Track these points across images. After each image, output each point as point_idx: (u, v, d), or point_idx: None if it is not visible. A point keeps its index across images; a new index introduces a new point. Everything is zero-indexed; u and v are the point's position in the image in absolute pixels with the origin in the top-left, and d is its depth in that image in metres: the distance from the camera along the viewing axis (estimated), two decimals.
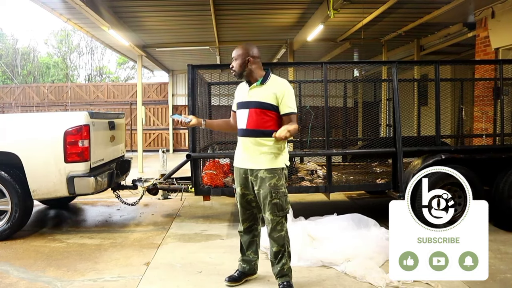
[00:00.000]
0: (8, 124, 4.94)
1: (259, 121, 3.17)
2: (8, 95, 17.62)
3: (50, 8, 7.82)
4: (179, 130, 16.84)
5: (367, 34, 9.38)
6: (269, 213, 3.17)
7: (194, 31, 9.86)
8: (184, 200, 6.60)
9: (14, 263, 4.09)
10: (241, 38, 10.41)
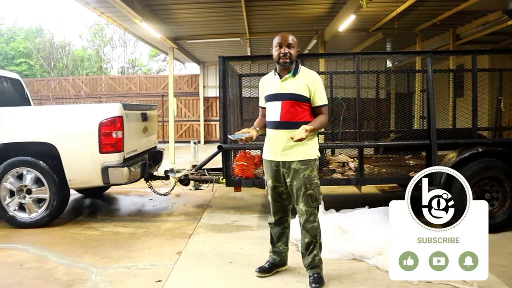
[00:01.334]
0: (46, 116, 5.10)
1: (293, 113, 3.16)
2: (45, 87, 18.18)
3: (84, 2, 7.99)
4: (210, 122, 16.98)
5: (400, 24, 9.16)
6: (303, 204, 3.18)
7: (225, 22, 9.87)
8: (215, 191, 6.67)
9: (52, 249, 4.24)
10: (272, 29, 10.35)
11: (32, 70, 25.92)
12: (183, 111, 17.08)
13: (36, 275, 3.60)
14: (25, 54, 26.07)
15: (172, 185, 5.83)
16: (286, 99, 3.17)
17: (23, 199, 5.00)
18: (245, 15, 8.82)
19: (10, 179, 4.97)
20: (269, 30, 10.49)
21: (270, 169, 3.30)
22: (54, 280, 3.47)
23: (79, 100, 17.56)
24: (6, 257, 4.03)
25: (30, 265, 3.82)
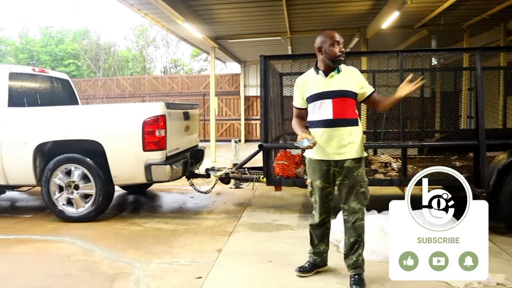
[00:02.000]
0: (92, 115, 5.27)
1: (344, 110, 3.13)
2: (92, 87, 18.84)
3: (128, 4, 8.22)
4: (250, 121, 17.05)
5: (447, 20, 8.87)
6: (356, 203, 3.16)
7: (266, 21, 9.88)
8: (256, 189, 6.69)
9: (98, 243, 4.38)
10: (313, 27, 10.28)
11: (79, 71, 26.90)
12: (224, 110, 17.24)
13: (83, 267, 3.73)
14: (73, 55, 27.10)
15: (213, 183, 5.89)
16: (336, 96, 3.12)
17: (71, 194, 5.19)
18: (286, 14, 8.80)
19: (59, 175, 5.18)
20: (310, 29, 10.43)
21: (319, 169, 3.24)
22: (99, 273, 3.59)
23: (123, 99, 18.08)
24: (55, 249, 4.20)
25: (77, 257, 3.97)
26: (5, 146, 5.18)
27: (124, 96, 18.29)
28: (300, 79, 3.37)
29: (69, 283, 3.39)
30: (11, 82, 5.43)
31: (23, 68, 5.99)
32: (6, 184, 5.34)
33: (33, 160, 5.16)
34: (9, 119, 5.23)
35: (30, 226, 5.11)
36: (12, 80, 5.45)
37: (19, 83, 5.63)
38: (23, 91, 5.69)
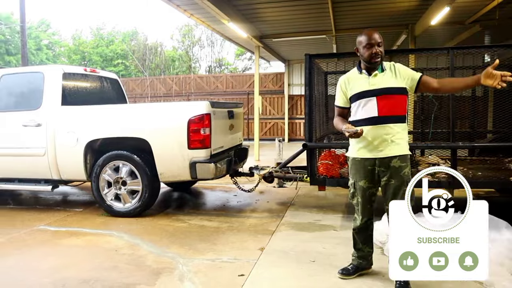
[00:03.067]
0: (140, 113, 5.41)
1: (392, 107, 3.08)
2: (139, 86, 19.38)
3: (175, 5, 8.39)
4: (294, 120, 16.99)
5: (502, 14, 8.45)
6: None
7: (311, 20, 9.81)
8: (299, 189, 6.65)
9: (144, 237, 4.50)
10: (359, 25, 10.10)
11: (127, 70, 27.78)
12: (268, 109, 17.26)
13: (129, 261, 3.84)
14: (122, 55, 28.01)
15: (257, 182, 5.91)
16: (381, 94, 3.08)
17: (119, 190, 5.36)
18: (331, 12, 8.69)
19: (108, 171, 5.36)
20: (356, 26, 10.25)
21: (364, 169, 3.19)
22: (145, 267, 3.68)
23: (169, 98, 18.47)
24: (104, 243, 4.36)
25: (124, 251, 4.09)
26: (58, 143, 5.41)
27: (170, 95, 18.69)
28: (343, 78, 3.32)
29: (117, 276, 3.50)
30: (64, 81, 5.67)
31: (76, 69, 6.24)
32: (59, 178, 5.58)
33: (84, 157, 5.37)
34: (62, 117, 5.46)
35: (81, 219, 5.33)
36: (65, 80, 5.69)
37: (71, 82, 5.87)
38: (75, 90, 5.93)
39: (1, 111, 5.75)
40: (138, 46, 28.89)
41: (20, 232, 4.79)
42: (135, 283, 3.35)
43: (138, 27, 39.08)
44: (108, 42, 29.55)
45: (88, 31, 32.47)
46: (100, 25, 31.27)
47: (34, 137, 5.48)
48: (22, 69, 6.52)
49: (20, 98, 5.84)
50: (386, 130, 3.06)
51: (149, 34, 39.73)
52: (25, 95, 5.80)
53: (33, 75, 5.85)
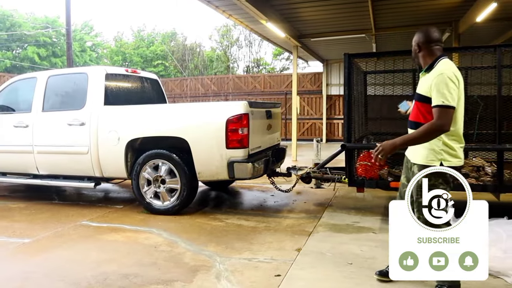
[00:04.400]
0: (179, 113, 5.50)
1: (415, 114, 3.00)
2: (178, 86, 19.71)
3: (214, 6, 8.48)
4: (332, 120, 16.82)
5: None
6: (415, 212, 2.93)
7: (350, 19, 9.68)
8: (337, 190, 6.58)
9: (181, 235, 4.57)
10: (399, 23, 9.89)
11: (167, 71, 28.32)
12: (305, 109, 17.17)
13: (168, 258, 3.91)
14: (162, 56, 28.57)
15: (294, 182, 5.89)
16: (415, 98, 3.04)
17: (158, 188, 5.47)
18: (371, 10, 8.55)
19: (148, 169, 5.47)
20: (397, 25, 10.04)
21: (404, 165, 3.22)
22: (182, 264, 3.74)
23: (208, 98, 18.68)
24: (143, 239, 4.45)
25: (163, 248, 4.17)
26: (101, 141, 5.58)
27: (208, 95, 18.91)
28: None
29: (155, 272, 3.57)
30: (107, 82, 5.83)
31: (117, 69, 6.41)
32: (101, 176, 5.75)
33: (125, 155, 5.51)
34: (105, 117, 5.62)
35: (121, 216, 5.47)
36: (107, 81, 5.85)
37: (113, 83, 6.03)
38: (117, 90, 6.09)
39: (48, 110, 5.99)
40: (177, 47, 29.39)
41: (65, 227, 4.97)
42: (173, 279, 3.40)
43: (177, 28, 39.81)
44: (148, 43, 30.23)
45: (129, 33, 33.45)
46: (140, 27, 32.05)
47: (78, 136, 5.68)
48: (67, 70, 6.76)
49: (66, 98, 6.07)
50: None
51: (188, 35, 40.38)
52: (70, 95, 6.02)
53: (77, 76, 6.06)
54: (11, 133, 6.15)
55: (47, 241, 4.47)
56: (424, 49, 3.00)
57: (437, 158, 2.87)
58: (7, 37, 27.58)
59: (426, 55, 3.01)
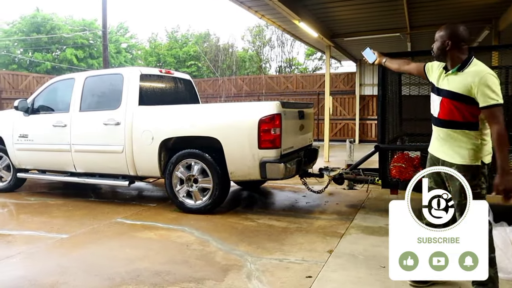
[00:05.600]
0: (211, 113, 5.54)
1: (450, 113, 2.88)
2: (211, 86, 19.90)
3: (247, 7, 8.50)
4: (366, 121, 16.58)
5: None
6: (458, 215, 2.80)
7: (384, 17, 9.51)
8: (370, 192, 6.48)
9: (213, 235, 4.60)
10: (436, 21, 9.62)
11: (200, 71, 28.62)
12: (338, 110, 17.00)
13: (199, 256, 3.94)
14: (195, 57, 28.91)
15: (326, 183, 5.83)
16: (444, 96, 2.90)
17: (190, 187, 5.53)
18: (406, 9, 8.38)
19: (180, 168, 5.54)
20: (432, 23, 9.79)
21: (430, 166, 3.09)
22: (214, 263, 3.76)
23: (240, 98, 18.77)
24: (176, 238, 4.51)
25: (195, 247, 4.21)
26: (135, 141, 5.69)
27: (241, 95, 19.00)
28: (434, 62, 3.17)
29: (187, 270, 3.61)
30: (141, 83, 5.94)
31: (152, 70, 6.52)
32: (135, 175, 5.86)
33: (159, 154, 5.59)
34: (139, 117, 5.73)
35: (154, 214, 5.56)
36: (142, 81, 5.96)
37: (148, 83, 6.14)
38: (151, 90, 6.20)
39: (85, 110, 6.16)
40: (210, 48, 29.66)
41: (100, 223, 5.10)
42: (204, 278, 3.43)
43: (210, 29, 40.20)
44: (181, 44, 30.65)
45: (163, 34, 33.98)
46: (174, 28, 32.53)
47: (114, 135, 5.81)
48: (103, 71, 6.93)
49: (102, 98, 6.22)
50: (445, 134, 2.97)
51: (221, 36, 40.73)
52: (106, 95, 6.16)
53: (113, 76, 6.20)
54: (50, 132, 6.36)
55: (83, 237, 4.60)
56: (456, 47, 2.88)
57: (478, 157, 2.84)
58: (47, 39, 28.57)
59: (457, 53, 2.89)
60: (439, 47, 2.95)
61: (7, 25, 29.63)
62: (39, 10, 29.56)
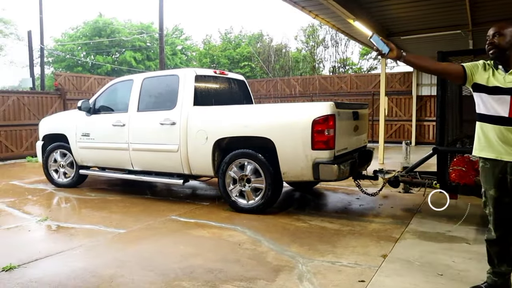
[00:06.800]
0: (265, 113, 5.56)
1: None
2: (264, 87, 19.97)
3: (300, 7, 8.44)
4: (423, 122, 16.01)
5: None
6: None
7: (444, 14, 9.12)
8: (427, 195, 6.23)
9: (265, 234, 4.62)
10: (501, 17, 9.11)
11: (253, 72, 28.81)
12: (394, 110, 16.53)
13: (251, 256, 3.97)
14: (248, 57, 29.14)
15: (381, 185, 5.69)
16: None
17: (243, 187, 5.58)
18: (467, 4, 8.00)
19: (234, 168, 5.60)
20: (498, 19, 9.26)
21: (493, 176, 2.89)
22: (265, 263, 3.77)
23: (293, 99, 18.72)
24: (228, 236, 4.57)
25: (246, 246, 4.24)
26: (190, 140, 5.81)
27: (294, 95, 18.94)
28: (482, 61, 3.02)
29: (239, 269, 3.64)
30: (196, 83, 6.07)
31: (206, 71, 6.63)
32: (190, 173, 6.00)
33: (212, 154, 5.69)
34: (194, 117, 5.85)
35: (207, 212, 5.66)
36: (197, 82, 6.08)
37: (202, 84, 6.26)
38: (206, 91, 6.31)
39: (143, 110, 6.38)
40: (263, 48, 29.78)
41: (155, 220, 5.26)
42: (256, 277, 3.45)
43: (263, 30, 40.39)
44: (235, 45, 30.98)
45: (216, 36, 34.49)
46: (228, 29, 32.96)
47: (169, 135, 5.97)
48: (160, 72, 7.14)
49: (158, 98, 6.42)
50: None
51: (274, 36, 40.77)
52: (163, 96, 6.35)
53: (169, 77, 6.38)
54: (110, 131, 6.65)
55: (139, 233, 4.76)
56: None
57: None
58: (108, 43, 29.90)
59: None
60: (506, 43, 2.79)
61: (72, 30, 31.37)
62: (101, 15, 31.02)
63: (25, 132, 12.33)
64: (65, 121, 7.47)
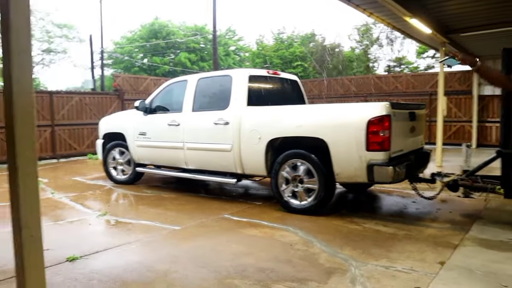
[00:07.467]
0: (318, 113, 5.50)
1: None
2: (317, 87, 19.79)
3: (354, 5, 8.29)
4: (484, 123, 15.25)
5: None
6: None
7: (509, 8, 8.64)
8: (489, 201, 5.94)
9: (317, 236, 4.57)
10: None
11: (306, 72, 28.64)
12: (453, 111, 15.85)
13: (303, 256, 3.94)
14: (301, 57, 29.00)
15: (439, 189, 5.47)
16: None
17: (296, 187, 5.55)
18: None
19: (286, 168, 5.59)
20: None
21: None
22: (317, 265, 3.73)
23: (347, 99, 18.42)
24: (280, 236, 4.56)
25: (298, 247, 4.22)
26: (243, 140, 5.86)
27: (348, 95, 18.62)
28: None
29: (290, 269, 3.62)
30: (250, 84, 6.11)
31: (259, 71, 6.67)
32: (243, 173, 6.05)
33: (265, 154, 5.71)
34: (247, 117, 5.89)
35: (260, 212, 5.68)
36: (250, 82, 6.13)
37: (256, 84, 6.30)
38: (259, 91, 6.35)
39: (197, 110, 6.51)
40: (316, 48, 29.52)
41: (208, 218, 5.35)
42: (307, 279, 3.42)
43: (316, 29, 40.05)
44: (287, 45, 30.91)
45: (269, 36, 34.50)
46: (280, 30, 32.95)
47: (223, 134, 6.05)
48: (213, 73, 7.27)
49: (212, 98, 6.53)
50: None
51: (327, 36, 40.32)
52: (216, 96, 6.45)
53: (223, 78, 6.47)
54: (165, 130, 6.84)
55: (193, 230, 4.86)
56: None
57: None
58: (164, 45, 30.81)
59: None
60: None
61: (129, 33, 32.63)
62: (157, 18, 32.04)
63: (86, 131, 12.98)
64: (123, 120, 7.78)
